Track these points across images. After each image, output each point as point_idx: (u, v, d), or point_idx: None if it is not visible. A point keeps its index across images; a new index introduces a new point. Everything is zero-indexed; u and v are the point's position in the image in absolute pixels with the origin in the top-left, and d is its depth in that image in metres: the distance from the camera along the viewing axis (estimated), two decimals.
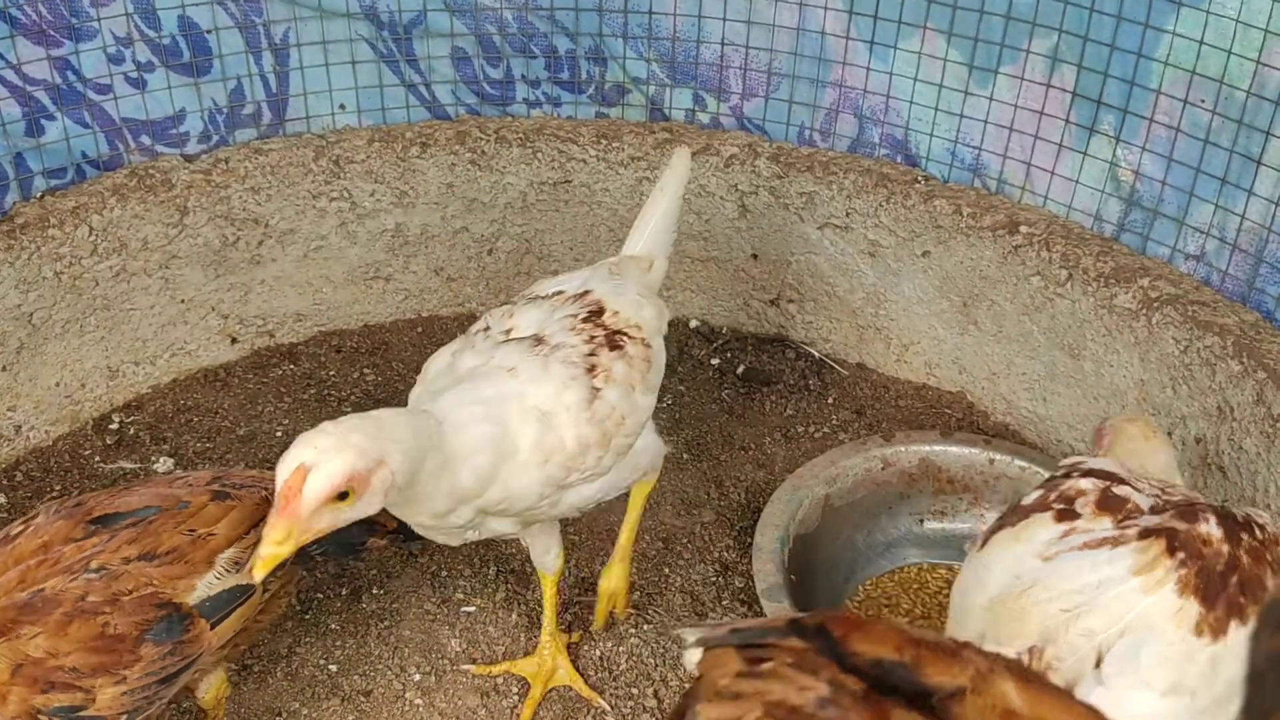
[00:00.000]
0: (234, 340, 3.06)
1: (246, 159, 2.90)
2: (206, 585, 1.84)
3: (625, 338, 2.03)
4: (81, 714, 1.74)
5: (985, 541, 1.84)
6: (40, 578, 1.76)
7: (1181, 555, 1.72)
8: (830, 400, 3.04)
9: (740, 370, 3.12)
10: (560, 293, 2.11)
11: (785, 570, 2.37)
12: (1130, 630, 1.67)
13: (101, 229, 2.70)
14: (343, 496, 1.61)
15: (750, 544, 2.48)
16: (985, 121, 2.80)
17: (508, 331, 2.01)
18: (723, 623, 1.34)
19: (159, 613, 1.79)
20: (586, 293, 2.09)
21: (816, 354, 3.16)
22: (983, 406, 2.97)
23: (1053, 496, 1.83)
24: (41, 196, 2.71)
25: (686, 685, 1.84)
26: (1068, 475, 1.87)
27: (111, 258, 2.75)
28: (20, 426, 2.73)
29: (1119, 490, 1.84)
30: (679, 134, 3.08)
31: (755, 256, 3.13)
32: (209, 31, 2.78)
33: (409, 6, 2.93)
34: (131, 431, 2.85)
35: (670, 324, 3.22)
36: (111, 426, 2.86)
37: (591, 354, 1.97)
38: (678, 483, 2.77)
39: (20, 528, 1.85)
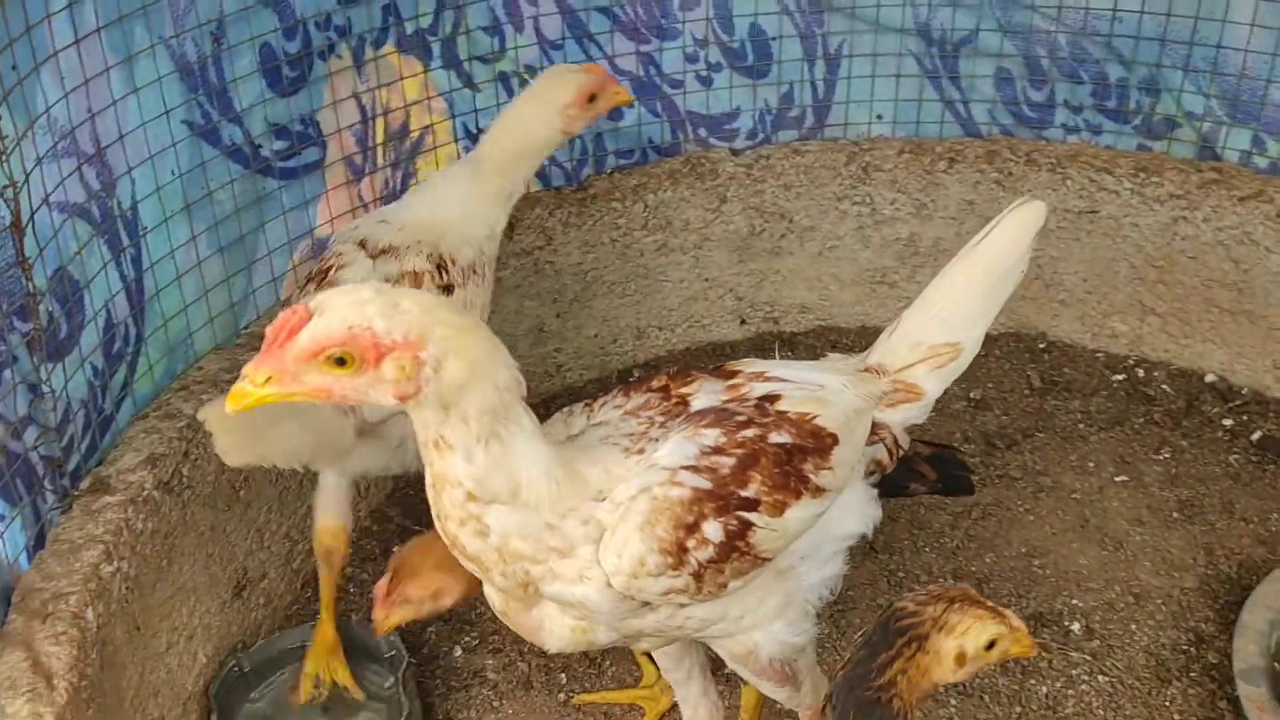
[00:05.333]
0: (743, 321, 3.33)
1: (785, 158, 3.13)
2: None
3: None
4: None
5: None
6: None
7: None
8: None
9: (1256, 436, 2.87)
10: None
11: (1270, 656, 2.18)
12: None
13: (654, 207, 3.06)
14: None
15: (1234, 620, 2.31)
16: None
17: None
18: None
19: None
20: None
21: None
22: None
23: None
24: (611, 173, 3.12)
25: None
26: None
27: (657, 233, 3.11)
28: (560, 366, 3.18)
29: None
30: (1229, 175, 2.88)
31: None
32: (773, 39, 3.04)
33: (962, 25, 3.00)
34: None
35: (1181, 374, 3.06)
36: (631, 380, 3.23)
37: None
38: (1161, 540, 2.63)
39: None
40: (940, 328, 1.87)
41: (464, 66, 2.82)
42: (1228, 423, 2.93)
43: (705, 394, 1.77)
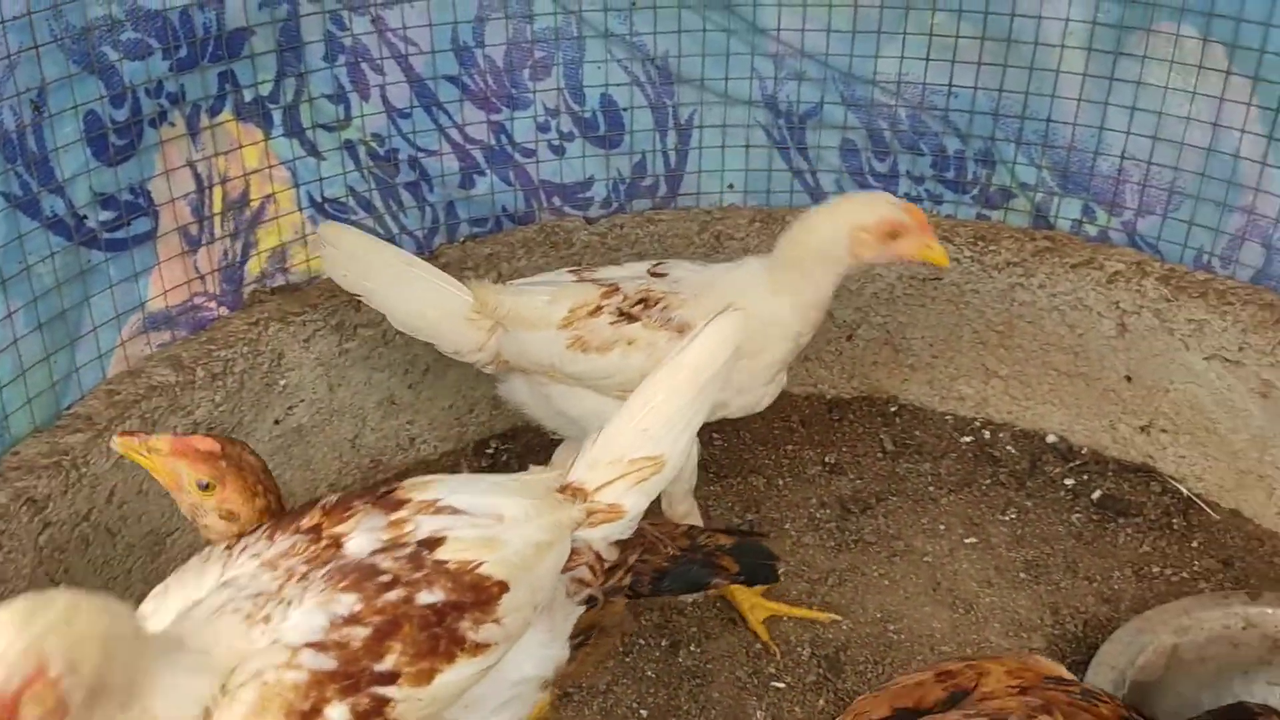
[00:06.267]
0: None
1: (639, 226, 3.14)
2: None
3: None
4: None
5: None
6: None
7: None
8: (1194, 544, 2.81)
9: (1096, 495, 2.97)
10: None
11: None
12: None
13: (509, 275, 3.02)
14: None
15: (1081, 680, 2.35)
16: None
17: None
18: None
19: None
20: None
21: (1185, 491, 2.95)
22: None
23: None
24: (464, 241, 3.07)
25: None
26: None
27: None
28: (414, 439, 3.09)
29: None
30: (1061, 243, 3.00)
31: (1129, 379, 2.97)
32: (625, 109, 3.05)
33: (807, 98, 3.07)
34: (504, 458, 3.15)
35: (1025, 435, 3.15)
36: (488, 450, 3.17)
37: None
38: (1010, 601, 2.68)
39: None
40: (641, 440, 1.81)
41: (307, 134, 2.75)
42: (1069, 482, 3.02)
43: (363, 532, 1.62)
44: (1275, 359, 2.70)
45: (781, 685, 2.49)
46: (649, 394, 1.82)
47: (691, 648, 2.57)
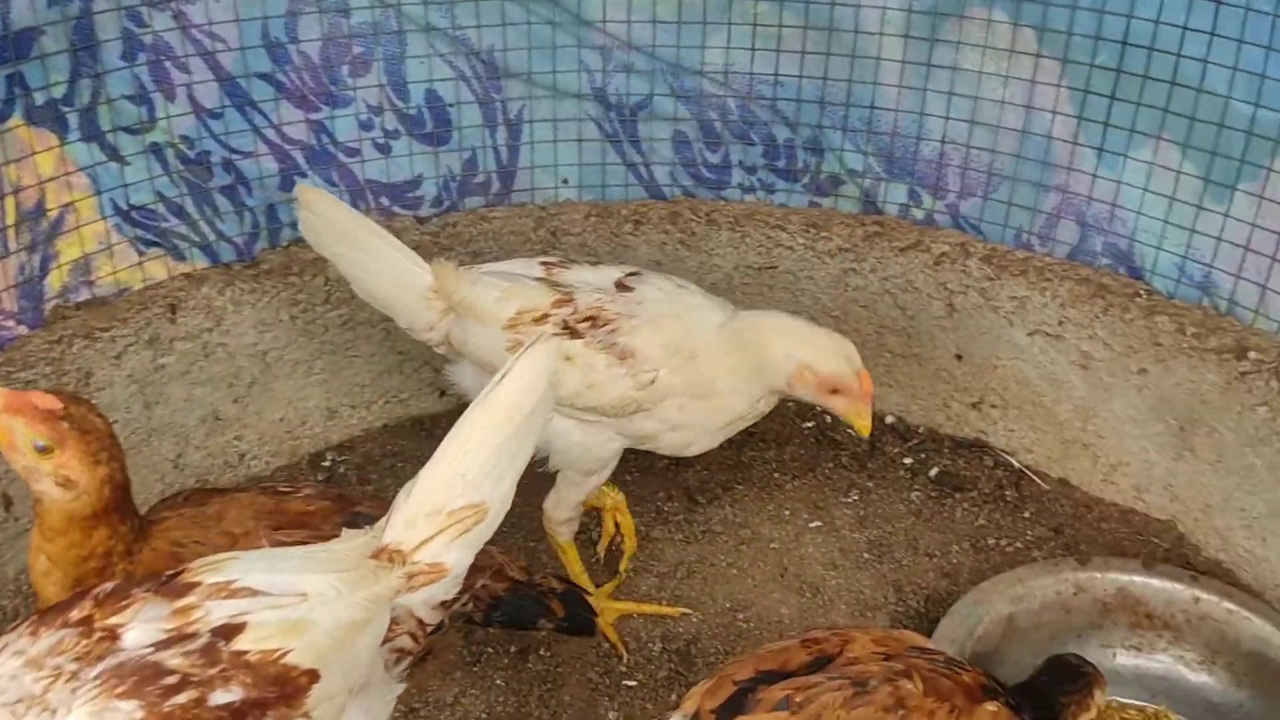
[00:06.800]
0: (442, 394, 3.22)
1: (472, 225, 3.07)
2: None
3: None
4: None
5: None
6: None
7: None
8: (1026, 514, 2.91)
9: (933, 473, 3.04)
10: None
11: None
12: None
13: (336, 279, 2.91)
14: None
15: None
16: (1218, 239, 2.65)
17: None
18: None
19: None
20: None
21: (1016, 464, 3.04)
22: (1194, 539, 2.77)
23: None
24: (287, 246, 2.94)
25: None
26: None
27: (341, 307, 2.95)
28: (244, 455, 2.95)
29: None
30: (890, 228, 3.06)
31: (959, 357, 3.05)
32: (451, 105, 2.98)
33: (637, 90, 3.05)
34: (341, 470, 3.03)
35: None
36: (324, 463, 3.05)
37: None
38: (855, 582, 2.71)
39: (288, 488, 2.00)
40: (461, 487, 1.65)
41: (108, 138, 2.59)
42: (908, 461, 3.08)
43: (143, 623, 1.44)
44: (1093, 331, 2.80)
45: (633, 683, 2.46)
46: (464, 436, 1.67)
47: (541, 652, 2.52)
